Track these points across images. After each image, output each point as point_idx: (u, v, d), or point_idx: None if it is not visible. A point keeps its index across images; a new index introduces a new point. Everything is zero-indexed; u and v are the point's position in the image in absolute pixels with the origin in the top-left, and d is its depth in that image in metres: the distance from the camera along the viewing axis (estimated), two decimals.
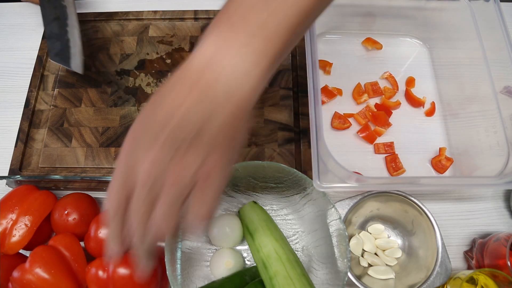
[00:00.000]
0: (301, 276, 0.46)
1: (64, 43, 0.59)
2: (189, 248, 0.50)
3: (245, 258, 0.53)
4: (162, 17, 0.67)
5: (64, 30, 0.60)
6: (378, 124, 0.60)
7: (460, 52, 0.60)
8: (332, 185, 0.45)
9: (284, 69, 0.63)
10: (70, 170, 0.57)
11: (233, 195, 0.54)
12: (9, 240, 0.48)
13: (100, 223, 0.50)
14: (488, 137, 0.53)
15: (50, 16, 0.61)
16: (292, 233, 0.54)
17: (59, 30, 0.60)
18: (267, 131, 0.59)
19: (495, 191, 0.58)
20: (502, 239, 0.48)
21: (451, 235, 0.55)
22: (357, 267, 0.52)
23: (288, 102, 0.60)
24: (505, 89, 0.51)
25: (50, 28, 0.60)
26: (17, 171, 0.57)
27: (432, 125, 0.62)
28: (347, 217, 0.51)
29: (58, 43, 0.59)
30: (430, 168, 0.59)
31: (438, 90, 0.64)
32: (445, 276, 0.47)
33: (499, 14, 0.53)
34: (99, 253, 0.50)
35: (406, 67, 0.66)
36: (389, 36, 0.67)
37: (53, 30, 0.60)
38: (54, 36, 0.59)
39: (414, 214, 0.51)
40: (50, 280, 0.44)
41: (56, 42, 0.59)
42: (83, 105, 0.61)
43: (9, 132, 0.61)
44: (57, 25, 0.60)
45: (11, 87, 0.65)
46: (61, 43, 0.59)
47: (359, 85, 0.64)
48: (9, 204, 0.50)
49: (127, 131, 0.58)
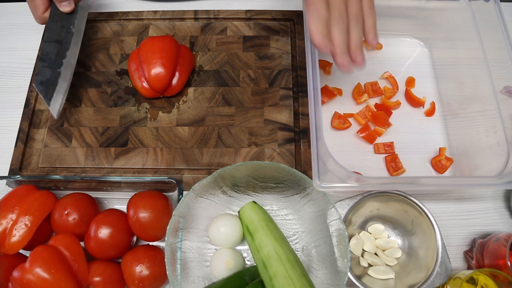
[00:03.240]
0: (301, 276, 0.46)
1: (53, 77, 0.55)
2: (189, 248, 0.50)
3: (245, 258, 0.53)
4: (162, 17, 0.67)
5: (59, 61, 0.56)
6: (378, 124, 0.60)
7: (460, 52, 0.60)
8: (332, 185, 0.45)
9: (284, 69, 0.63)
10: (70, 170, 0.57)
11: (233, 195, 0.54)
12: (9, 240, 0.48)
13: (100, 223, 0.50)
14: (488, 137, 0.53)
15: (53, 34, 0.57)
16: (292, 233, 0.54)
17: (55, 58, 0.56)
18: (267, 131, 0.59)
19: (495, 191, 0.58)
20: (502, 239, 0.48)
21: (451, 235, 0.55)
22: (357, 267, 0.52)
23: (288, 102, 0.60)
24: (505, 89, 0.51)
25: (47, 48, 0.56)
26: (17, 171, 0.57)
27: (432, 125, 0.62)
28: (347, 217, 0.51)
29: (48, 71, 0.55)
30: (430, 168, 0.59)
31: (438, 90, 0.64)
32: (445, 276, 0.48)
33: (499, 14, 0.53)
34: (99, 253, 0.50)
35: (406, 67, 0.66)
36: (389, 36, 0.67)
37: (50, 52, 0.56)
38: (47, 60, 0.55)
39: (414, 214, 0.51)
40: (50, 280, 0.44)
41: (47, 68, 0.55)
42: (83, 105, 0.61)
43: (9, 132, 0.61)
44: (55, 50, 0.56)
45: (11, 87, 0.65)
46: (51, 74, 0.55)
47: (359, 85, 0.64)
48: (9, 204, 0.50)
49: (127, 131, 0.59)
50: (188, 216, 0.50)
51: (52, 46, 0.57)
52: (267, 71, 0.63)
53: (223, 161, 0.57)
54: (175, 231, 0.48)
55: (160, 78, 0.57)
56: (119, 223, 0.51)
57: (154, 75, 0.57)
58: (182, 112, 0.60)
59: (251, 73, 0.63)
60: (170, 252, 0.46)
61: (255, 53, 0.64)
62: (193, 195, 0.50)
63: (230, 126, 0.59)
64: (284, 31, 0.66)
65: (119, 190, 0.56)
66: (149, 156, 0.58)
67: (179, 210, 0.48)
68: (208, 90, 0.62)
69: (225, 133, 0.59)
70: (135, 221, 0.50)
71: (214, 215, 0.53)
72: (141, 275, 0.48)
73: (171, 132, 0.59)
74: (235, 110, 0.60)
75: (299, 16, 0.66)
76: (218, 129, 0.59)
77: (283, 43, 0.65)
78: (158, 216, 0.50)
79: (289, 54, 0.64)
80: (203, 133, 0.59)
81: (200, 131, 0.59)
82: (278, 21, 0.66)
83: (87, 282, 0.48)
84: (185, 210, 0.49)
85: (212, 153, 0.58)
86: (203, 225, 0.53)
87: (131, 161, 0.57)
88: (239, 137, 0.58)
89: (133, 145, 0.58)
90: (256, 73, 0.63)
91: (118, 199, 0.57)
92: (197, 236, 0.52)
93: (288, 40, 0.65)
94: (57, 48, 0.57)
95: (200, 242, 0.52)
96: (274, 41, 0.65)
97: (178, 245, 0.48)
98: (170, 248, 0.47)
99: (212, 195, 0.52)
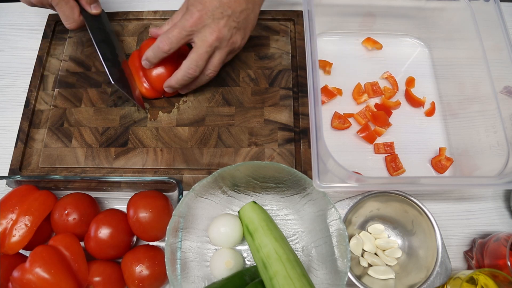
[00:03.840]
0: (301, 276, 0.46)
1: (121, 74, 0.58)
2: (189, 248, 0.50)
3: (245, 258, 0.53)
4: (162, 17, 0.67)
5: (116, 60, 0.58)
6: (378, 124, 0.60)
7: (460, 52, 0.60)
8: (332, 185, 0.45)
9: (284, 69, 0.63)
10: (70, 170, 0.57)
11: (233, 195, 0.54)
12: (9, 240, 0.48)
13: (100, 223, 0.50)
14: (488, 137, 0.53)
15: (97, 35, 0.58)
16: (292, 233, 0.54)
17: (111, 57, 0.58)
18: (267, 131, 0.59)
19: (495, 191, 0.58)
20: (502, 239, 0.48)
21: (451, 235, 0.55)
22: (357, 267, 0.52)
23: (288, 102, 0.60)
24: (505, 89, 0.51)
25: (103, 49, 0.57)
26: (17, 171, 0.57)
27: (432, 125, 0.62)
28: (347, 217, 0.51)
29: (115, 70, 0.57)
30: (430, 168, 0.59)
31: (438, 90, 0.64)
32: (445, 276, 0.48)
33: (499, 14, 0.53)
34: (99, 253, 0.50)
35: (406, 67, 0.66)
36: (389, 36, 0.67)
37: (106, 53, 0.58)
38: (109, 59, 0.57)
39: (414, 214, 0.51)
40: (50, 280, 0.44)
41: (112, 68, 0.57)
42: (83, 105, 0.61)
43: (9, 132, 0.61)
44: (108, 50, 0.58)
45: (11, 87, 0.65)
46: (119, 72, 0.57)
47: (359, 85, 0.64)
48: (9, 204, 0.50)
49: (127, 131, 0.59)
50: (188, 216, 0.50)
51: (104, 46, 0.58)
52: (267, 71, 0.63)
53: (223, 161, 0.57)
54: (175, 231, 0.48)
55: (161, 78, 0.57)
56: (119, 223, 0.51)
57: (155, 76, 0.57)
58: (182, 112, 0.60)
59: (251, 73, 0.63)
60: (170, 252, 0.46)
61: (255, 53, 0.64)
62: (193, 195, 0.50)
63: (230, 126, 0.59)
64: (284, 31, 0.66)
65: (119, 190, 0.56)
66: (149, 156, 0.58)
67: (179, 210, 0.48)
68: (208, 90, 0.62)
69: (225, 133, 0.59)
70: (135, 221, 0.50)
71: (214, 215, 0.53)
72: (141, 275, 0.48)
73: (171, 132, 0.59)
74: (235, 110, 0.60)
75: (299, 16, 0.66)
76: (218, 129, 0.59)
77: (283, 43, 0.65)
78: (158, 216, 0.50)
79: (289, 54, 0.64)
80: (203, 133, 0.59)
81: (200, 131, 0.59)
82: (278, 21, 0.66)
83: (87, 282, 0.48)
84: (185, 210, 0.49)
85: (212, 153, 0.58)
86: (203, 225, 0.53)
87: (131, 161, 0.57)
88: (239, 137, 0.58)
89: (133, 145, 0.58)
90: (256, 73, 0.63)
91: (118, 199, 0.57)
92: (197, 236, 0.52)
93: (288, 40, 0.65)
94: (108, 48, 0.59)
95: (200, 242, 0.52)
96: (274, 41, 0.65)
97: (178, 245, 0.48)
98: (170, 248, 0.47)
99: (212, 195, 0.52)
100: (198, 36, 0.52)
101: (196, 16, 0.50)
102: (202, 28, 0.51)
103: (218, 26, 0.51)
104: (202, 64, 0.53)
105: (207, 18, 0.51)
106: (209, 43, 0.51)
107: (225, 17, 0.51)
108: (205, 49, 0.52)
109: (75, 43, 0.66)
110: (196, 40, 0.52)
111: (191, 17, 0.51)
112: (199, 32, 0.51)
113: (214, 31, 0.51)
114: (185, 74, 0.54)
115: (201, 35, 0.51)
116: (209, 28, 0.51)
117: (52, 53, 0.65)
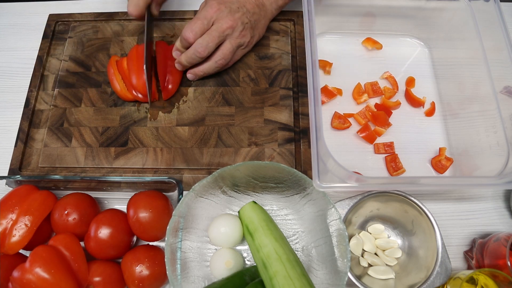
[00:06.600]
0: (301, 276, 0.46)
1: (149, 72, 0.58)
2: (189, 248, 0.50)
3: (245, 258, 0.53)
4: (162, 17, 0.67)
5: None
6: (378, 124, 0.60)
7: (460, 52, 0.60)
8: (332, 185, 0.45)
9: (284, 69, 0.63)
10: (70, 170, 0.57)
11: (233, 195, 0.54)
12: (9, 240, 0.48)
13: (100, 223, 0.50)
14: (488, 137, 0.53)
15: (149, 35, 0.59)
16: (292, 233, 0.54)
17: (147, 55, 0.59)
18: (267, 131, 0.59)
19: (495, 191, 0.58)
20: (502, 239, 0.48)
21: (451, 235, 0.55)
22: (357, 267, 0.52)
23: (288, 102, 0.60)
24: (505, 89, 0.51)
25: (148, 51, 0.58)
26: (17, 171, 0.57)
27: (432, 125, 0.62)
28: (347, 217, 0.51)
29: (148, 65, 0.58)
30: (430, 168, 0.59)
31: (438, 90, 0.64)
32: (445, 276, 0.48)
33: (499, 14, 0.53)
34: (99, 253, 0.50)
35: (406, 67, 0.66)
36: (389, 36, 0.67)
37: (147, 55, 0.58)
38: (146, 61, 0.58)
39: (414, 214, 0.51)
40: (50, 280, 0.44)
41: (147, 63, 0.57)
42: (83, 105, 0.61)
43: (9, 132, 0.61)
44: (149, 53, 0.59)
45: (11, 87, 0.65)
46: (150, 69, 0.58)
47: (359, 85, 0.64)
48: (9, 204, 0.50)
49: (127, 131, 0.59)
50: (188, 216, 0.50)
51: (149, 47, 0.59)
52: (267, 71, 0.63)
53: (223, 161, 0.57)
54: (175, 231, 0.48)
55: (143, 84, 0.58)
56: (119, 223, 0.51)
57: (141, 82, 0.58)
58: (182, 112, 0.60)
59: (251, 73, 0.63)
60: (170, 252, 0.46)
61: (255, 53, 0.64)
62: (193, 195, 0.50)
63: (230, 126, 0.59)
64: (284, 31, 0.66)
65: (119, 190, 0.56)
66: (149, 156, 0.58)
67: (179, 210, 0.48)
68: (208, 90, 0.62)
69: (225, 133, 0.59)
70: (135, 221, 0.50)
71: (214, 215, 0.53)
72: (141, 275, 0.48)
73: (171, 132, 0.59)
74: (235, 110, 0.60)
75: (299, 16, 0.66)
76: (218, 129, 0.59)
77: (283, 43, 0.65)
78: (158, 216, 0.50)
79: (289, 54, 0.64)
80: (203, 133, 0.59)
81: (200, 131, 0.59)
82: (278, 21, 0.66)
83: (87, 282, 0.48)
84: (185, 210, 0.49)
85: (212, 153, 0.58)
86: (203, 225, 0.53)
87: (131, 161, 0.57)
88: (239, 137, 0.58)
89: (133, 145, 0.58)
90: (256, 73, 0.63)
91: (118, 199, 0.57)
92: (197, 236, 0.52)
93: (288, 40, 0.65)
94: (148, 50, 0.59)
95: (200, 242, 0.52)
96: (274, 41, 0.65)
97: (178, 245, 0.48)
98: (170, 248, 0.46)
99: (212, 195, 0.52)
100: (215, 23, 0.56)
101: (216, 7, 0.56)
102: (220, 17, 0.56)
103: (234, 16, 0.56)
104: (212, 46, 0.56)
105: (225, 9, 0.56)
106: (223, 29, 0.56)
107: (241, 12, 0.57)
108: (217, 33, 0.56)
109: (75, 43, 0.66)
110: (212, 26, 0.56)
111: (211, 9, 0.56)
112: (217, 20, 0.56)
113: (229, 20, 0.56)
114: (194, 52, 0.57)
115: (218, 22, 0.56)
116: (226, 17, 0.56)
117: (52, 53, 0.65)
